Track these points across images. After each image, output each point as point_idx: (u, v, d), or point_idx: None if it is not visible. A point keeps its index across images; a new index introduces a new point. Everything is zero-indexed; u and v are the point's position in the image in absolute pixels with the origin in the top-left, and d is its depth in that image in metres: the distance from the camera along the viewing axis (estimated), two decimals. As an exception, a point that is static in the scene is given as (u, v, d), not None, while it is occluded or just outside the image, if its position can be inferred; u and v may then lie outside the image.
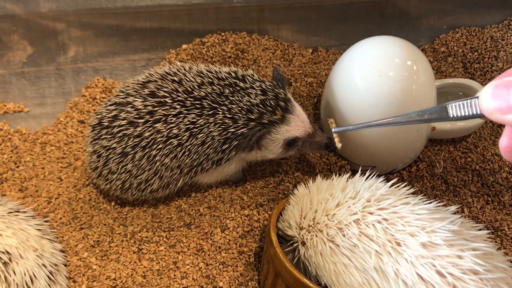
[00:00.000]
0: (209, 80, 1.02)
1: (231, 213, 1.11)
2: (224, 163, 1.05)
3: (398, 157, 1.14)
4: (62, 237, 1.08)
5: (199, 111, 1.00)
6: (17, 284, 0.91)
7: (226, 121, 0.99)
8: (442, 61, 1.41)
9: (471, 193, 1.16)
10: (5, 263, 0.91)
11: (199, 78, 1.02)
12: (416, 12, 1.47)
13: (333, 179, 0.95)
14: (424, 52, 1.44)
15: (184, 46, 1.38)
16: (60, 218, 1.11)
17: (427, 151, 1.22)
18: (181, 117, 1.00)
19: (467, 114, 0.70)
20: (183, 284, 1.01)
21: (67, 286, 1.02)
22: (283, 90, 1.03)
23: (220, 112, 0.99)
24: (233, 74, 1.03)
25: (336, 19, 1.45)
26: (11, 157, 1.21)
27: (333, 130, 0.93)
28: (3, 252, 0.92)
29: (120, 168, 1.05)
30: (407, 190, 0.90)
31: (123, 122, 1.02)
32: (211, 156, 1.02)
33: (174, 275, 1.03)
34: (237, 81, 1.01)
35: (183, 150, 1.01)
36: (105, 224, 1.10)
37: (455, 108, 0.71)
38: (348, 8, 1.44)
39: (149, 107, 1.00)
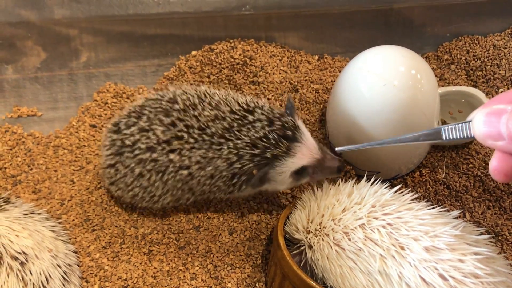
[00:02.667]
0: (223, 114, 1.00)
1: (239, 216, 1.14)
2: (236, 193, 1.07)
3: (402, 163, 1.17)
4: (75, 238, 1.11)
5: (207, 146, 1.00)
6: (33, 283, 0.94)
7: (231, 156, 0.98)
8: (446, 68, 1.44)
9: (472, 199, 1.19)
10: (22, 263, 0.94)
11: (215, 111, 1.01)
12: (420, 20, 1.50)
13: (339, 184, 0.98)
14: (428, 60, 1.47)
15: (193, 52, 1.41)
16: (73, 220, 1.14)
17: (430, 157, 1.24)
18: (193, 151, 1.01)
19: (459, 137, 0.74)
20: (192, 285, 1.05)
21: (80, 286, 1.05)
22: (291, 118, 1.01)
23: (225, 147, 0.98)
24: (245, 107, 1.01)
25: (342, 27, 1.48)
26: (24, 159, 1.24)
27: (336, 149, 0.93)
28: (19, 253, 0.95)
29: (135, 184, 1.08)
30: (411, 196, 0.93)
31: (142, 146, 1.03)
32: (222, 188, 1.05)
33: (184, 276, 1.06)
34: (247, 114, 1.00)
35: (193, 180, 1.04)
36: (116, 226, 1.13)
37: (448, 132, 0.75)
38: (354, 16, 1.47)
39: (168, 137, 1.02)
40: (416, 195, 0.93)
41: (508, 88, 1.39)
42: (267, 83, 1.34)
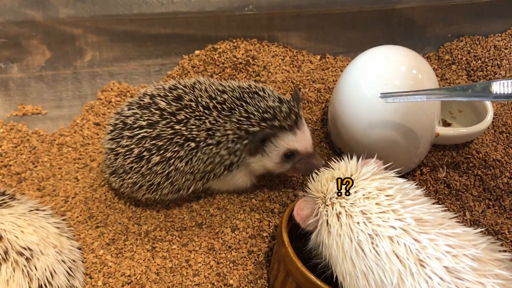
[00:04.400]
0: (231, 87, 1.08)
1: (241, 214, 1.16)
2: (234, 169, 1.09)
3: (403, 162, 1.18)
4: (79, 235, 1.13)
5: (217, 113, 1.04)
6: (38, 279, 0.95)
7: (241, 119, 1.03)
8: (447, 68, 1.45)
9: (472, 197, 1.20)
10: (27, 259, 0.95)
11: (222, 86, 1.08)
12: (422, 21, 1.52)
13: (386, 175, 0.92)
14: (429, 60, 1.48)
15: (196, 52, 1.43)
16: (77, 217, 1.16)
17: (431, 156, 1.26)
18: (203, 119, 1.04)
19: (511, 92, 0.68)
20: (195, 281, 1.06)
21: (84, 281, 1.06)
22: (295, 106, 1.07)
23: (236, 112, 1.04)
24: (253, 85, 1.09)
25: (344, 27, 1.50)
26: (29, 157, 1.26)
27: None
28: (25, 249, 0.96)
29: (134, 169, 1.08)
30: (452, 216, 0.87)
31: (143, 124, 1.06)
32: (223, 159, 1.07)
33: (187, 272, 1.07)
34: (257, 90, 1.07)
35: (198, 154, 1.05)
36: (120, 223, 1.15)
37: (499, 86, 0.70)
38: (356, 16, 1.49)
39: (174, 108, 1.05)
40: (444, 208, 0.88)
41: (508, 89, 1.40)
42: (270, 82, 1.36)
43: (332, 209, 0.88)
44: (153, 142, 1.05)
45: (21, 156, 1.26)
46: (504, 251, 0.85)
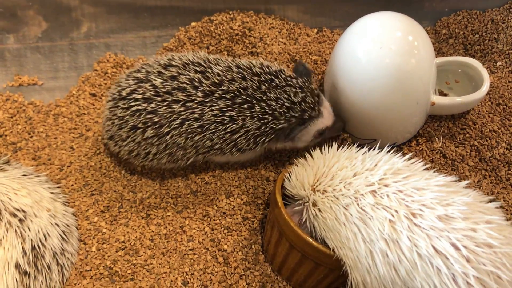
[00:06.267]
0: (241, 75, 1.04)
1: (235, 181, 1.16)
2: (248, 151, 1.08)
3: (398, 131, 1.18)
4: (74, 202, 1.13)
5: (229, 102, 1.02)
6: (31, 240, 0.95)
7: (266, 116, 1.02)
8: (444, 42, 1.45)
9: (469, 168, 1.20)
10: (20, 220, 0.96)
11: (229, 73, 1.05)
12: (419, -6, 1.51)
13: (352, 149, 0.97)
14: (426, 34, 1.47)
15: (193, 24, 1.43)
16: (72, 185, 1.16)
17: (427, 127, 1.25)
18: (207, 105, 1.02)
19: None
20: (189, 247, 1.06)
21: (78, 247, 1.06)
22: (311, 83, 1.08)
23: (257, 107, 1.02)
24: (266, 69, 1.06)
25: (341, 1, 1.49)
26: (25, 127, 1.26)
27: None
28: (18, 210, 0.97)
29: (130, 138, 1.08)
30: (423, 165, 0.92)
31: (139, 97, 1.04)
32: (239, 144, 1.05)
33: (181, 238, 1.07)
34: (272, 77, 1.05)
35: (204, 133, 1.04)
36: (115, 191, 1.15)
37: None
38: (353, -10, 1.48)
39: (168, 88, 1.03)
40: (428, 165, 0.93)
41: (505, 62, 1.40)
42: (266, 54, 1.35)
43: (315, 194, 0.92)
44: (148, 116, 1.04)
45: (17, 126, 1.26)
46: (492, 200, 0.86)
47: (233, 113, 1.02)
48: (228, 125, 1.03)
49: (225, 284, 1.01)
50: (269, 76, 1.04)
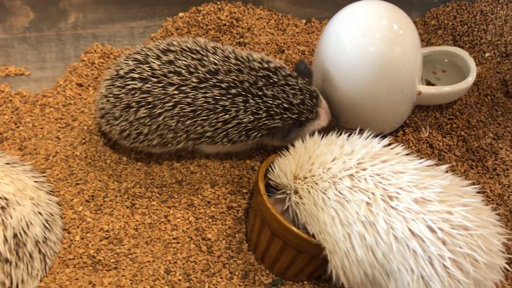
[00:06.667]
0: (238, 67, 1.04)
1: (220, 170, 1.15)
2: (239, 143, 1.08)
3: (385, 120, 1.18)
4: (59, 191, 1.12)
5: (223, 91, 1.02)
6: (13, 227, 0.95)
7: (260, 112, 1.02)
8: (432, 33, 1.45)
9: (455, 158, 1.20)
10: (2, 208, 0.95)
11: (226, 64, 1.05)
12: (408, -15, 1.51)
13: (331, 136, 0.98)
14: (415, 25, 1.46)
15: (180, 14, 1.42)
16: (57, 174, 1.15)
17: (414, 117, 1.25)
18: (201, 91, 1.02)
19: None
20: (173, 236, 1.06)
21: (62, 236, 1.06)
22: (311, 84, 1.08)
23: (252, 102, 1.02)
24: (265, 65, 1.06)
25: (330, -9, 1.49)
26: (11, 117, 1.25)
27: None
28: (0, 198, 0.96)
29: (123, 117, 1.08)
30: (401, 149, 0.92)
31: (136, 76, 1.05)
32: (230, 134, 1.05)
33: (165, 227, 1.07)
34: (271, 74, 1.04)
35: (195, 119, 1.04)
36: (100, 180, 1.14)
37: None
38: (342, -19, 1.48)
39: (165, 70, 1.04)
40: (406, 151, 0.93)
41: (494, 53, 1.39)
42: (253, 44, 1.35)
43: (296, 181, 0.92)
44: (143, 96, 1.04)
45: (3, 116, 1.25)
46: (472, 183, 0.86)
47: (227, 103, 1.02)
48: (220, 115, 1.03)
49: (208, 272, 1.01)
50: (267, 73, 1.04)
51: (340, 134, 0.97)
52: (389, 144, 0.93)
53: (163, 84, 1.03)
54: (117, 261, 1.02)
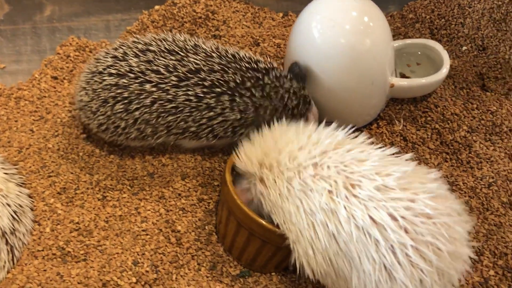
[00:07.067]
0: (222, 67, 1.03)
1: (192, 163, 1.15)
2: (225, 139, 1.08)
3: (357, 113, 1.17)
4: (31, 184, 1.12)
5: (206, 89, 1.01)
6: (-22, 218, 0.95)
7: (248, 112, 1.02)
8: (410, 27, 1.44)
9: (429, 150, 1.19)
10: (-33, 198, 0.95)
11: (209, 64, 1.03)
12: (386, -22, 1.51)
13: (299, 125, 0.97)
14: (393, 19, 1.47)
15: (156, 7, 1.42)
16: (30, 167, 1.15)
17: (388, 110, 1.25)
18: (182, 89, 1.02)
19: None
20: (142, 227, 1.05)
21: (32, 228, 1.05)
22: (304, 88, 1.08)
23: (240, 101, 1.02)
24: (254, 65, 1.05)
25: (307, -15, 1.48)
26: (-14, 111, 1.25)
27: None
28: (-34, 188, 0.96)
29: (100, 112, 1.07)
30: (365, 139, 0.92)
31: (113, 71, 1.05)
32: (216, 131, 1.05)
33: (135, 219, 1.07)
34: (260, 76, 1.04)
35: (178, 115, 1.03)
36: (72, 173, 1.14)
37: None
38: (320, -26, 1.47)
39: (142, 68, 1.03)
40: (370, 140, 0.92)
41: (471, 47, 1.39)
42: (229, 37, 1.35)
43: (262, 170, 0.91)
44: (119, 91, 1.04)
45: (-23, 109, 1.25)
46: (437, 170, 0.86)
47: (211, 102, 1.02)
48: (204, 112, 1.02)
49: (176, 264, 1.01)
50: (257, 74, 1.03)
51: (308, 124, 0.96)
52: (354, 134, 0.92)
53: (140, 80, 1.03)
54: (86, 252, 1.02)
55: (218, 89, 1.01)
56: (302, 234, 0.84)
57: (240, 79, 1.02)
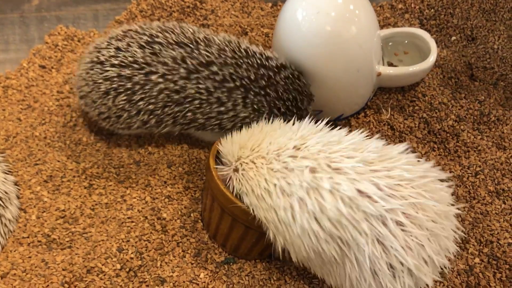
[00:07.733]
0: (236, 61, 1.02)
1: (178, 150, 1.15)
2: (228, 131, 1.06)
3: (344, 102, 1.17)
4: (17, 172, 1.12)
5: (217, 83, 1.01)
6: (-37, 204, 0.95)
7: (263, 109, 1.03)
8: (399, 17, 1.44)
9: (417, 139, 1.19)
10: (-49, 184, 0.95)
11: (222, 55, 1.02)
12: (376, -31, 1.50)
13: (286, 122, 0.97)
14: (382, 9, 1.46)
15: (145, -4, 1.42)
16: (17, 155, 1.15)
17: (376, 99, 1.24)
18: (192, 81, 1.01)
19: None
20: (128, 215, 1.05)
21: (17, 215, 1.05)
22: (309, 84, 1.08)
23: (253, 98, 1.02)
24: (265, 62, 1.03)
25: (296, -25, 1.48)
26: (-27, 100, 1.25)
27: None
28: (-50, 174, 0.96)
29: (100, 102, 1.06)
30: (345, 130, 0.91)
31: (115, 62, 1.03)
32: (223, 124, 1.05)
33: (121, 207, 1.07)
34: (272, 74, 1.02)
35: (185, 105, 1.03)
36: (58, 161, 1.14)
37: None
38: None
39: (148, 59, 1.02)
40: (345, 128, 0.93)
41: (460, 37, 1.39)
42: (217, 26, 1.35)
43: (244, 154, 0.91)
44: (121, 83, 1.02)
45: (-35, 99, 1.25)
46: (412, 152, 0.86)
47: (222, 96, 1.01)
48: (215, 106, 1.02)
49: (162, 251, 1.01)
50: (269, 73, 1.02)
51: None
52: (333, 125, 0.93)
53: (145, 71, 1.01)
54: (71, 240, 1.02)
55: (231, 84, 1.01)
56: (278, 215, 0.84)
57: (254, 76, 1.01)
